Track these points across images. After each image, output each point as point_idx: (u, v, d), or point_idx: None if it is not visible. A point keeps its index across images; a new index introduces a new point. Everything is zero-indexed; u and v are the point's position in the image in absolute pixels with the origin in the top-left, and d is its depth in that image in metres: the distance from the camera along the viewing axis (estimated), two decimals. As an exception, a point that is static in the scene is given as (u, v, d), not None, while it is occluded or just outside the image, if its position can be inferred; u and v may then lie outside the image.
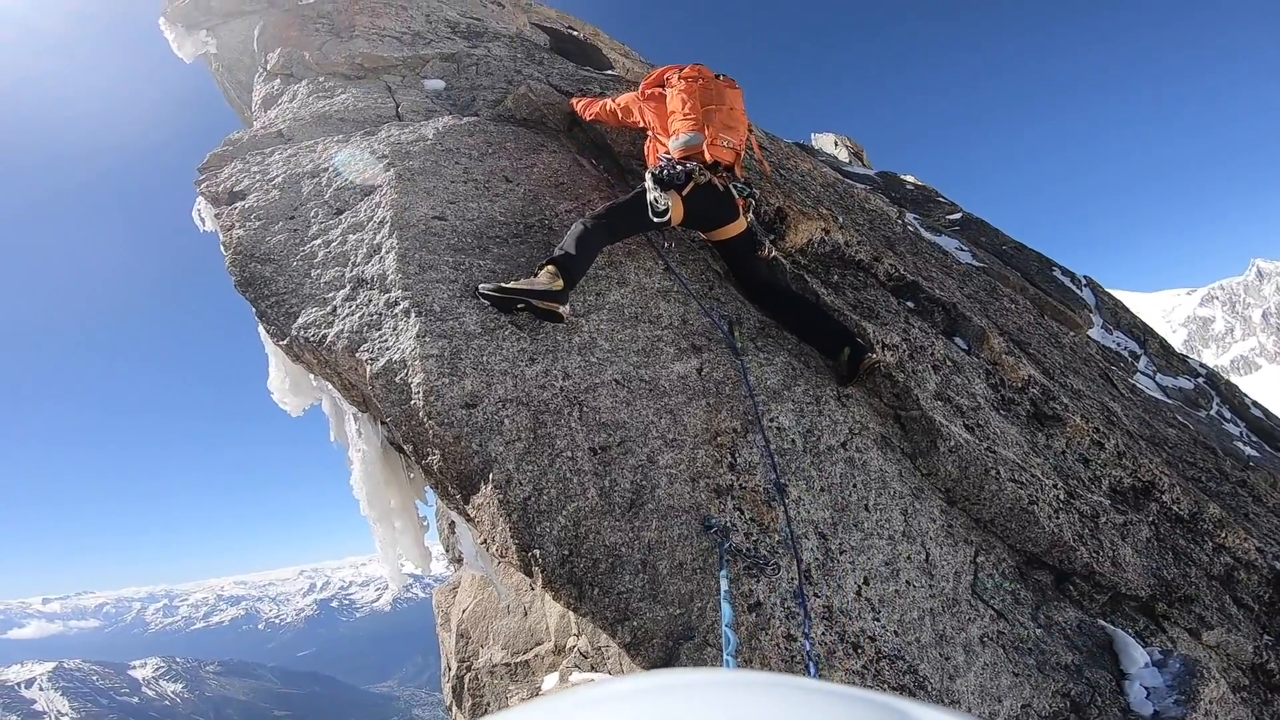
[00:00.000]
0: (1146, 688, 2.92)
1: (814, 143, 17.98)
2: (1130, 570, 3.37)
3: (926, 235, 8.96)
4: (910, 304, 4.31)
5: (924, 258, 5.90)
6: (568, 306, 2.71)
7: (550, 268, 2.72)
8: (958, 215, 12.18)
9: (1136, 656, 3.00)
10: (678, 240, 3.68)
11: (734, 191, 3.33)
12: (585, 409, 2.53)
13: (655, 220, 3.13)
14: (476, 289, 2.74)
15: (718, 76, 3.47)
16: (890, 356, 3.42)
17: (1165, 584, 3.49)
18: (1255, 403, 10.93)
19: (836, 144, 17.94)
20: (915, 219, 10.45)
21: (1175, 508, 4.05)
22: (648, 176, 3.22)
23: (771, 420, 2.87)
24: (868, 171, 14.88)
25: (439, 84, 5.13)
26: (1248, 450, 7.91)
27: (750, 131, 3.59)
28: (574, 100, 4.41)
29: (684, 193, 3.19)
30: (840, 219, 4.70)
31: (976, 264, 8.73)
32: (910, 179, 14.45)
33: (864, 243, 4.50)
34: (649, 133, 3.68)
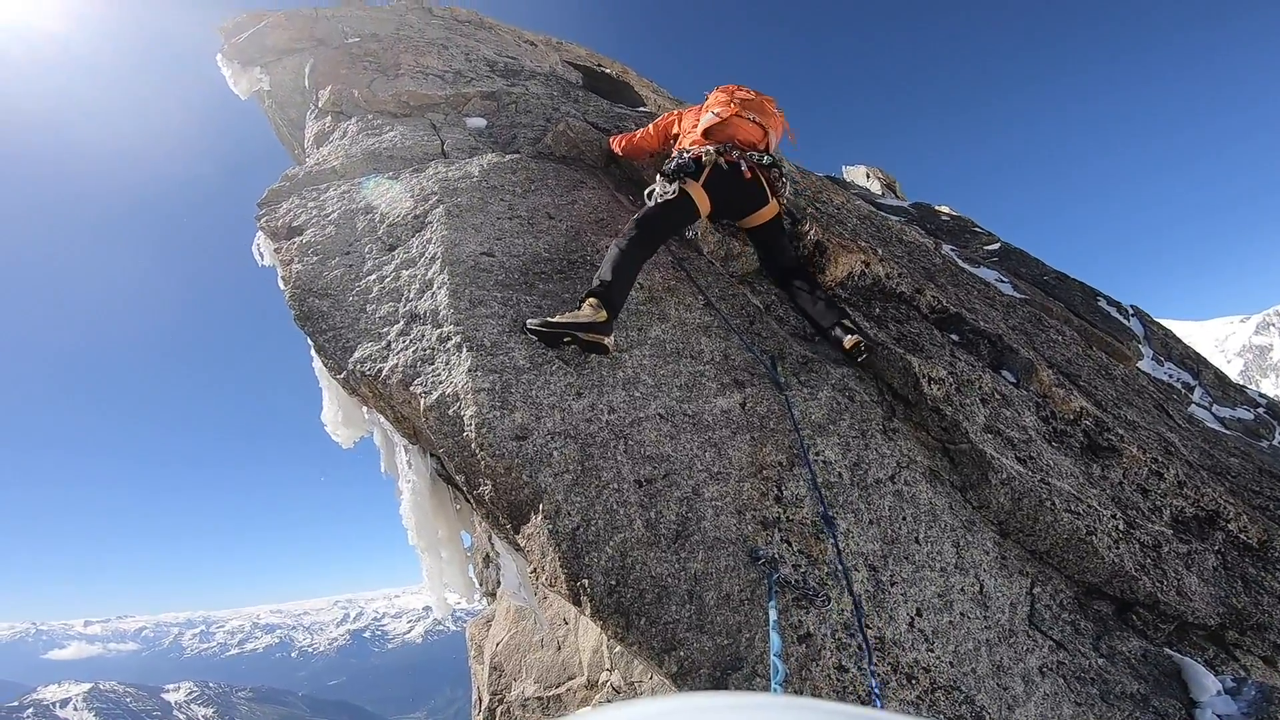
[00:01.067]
0: (1219, 715, 2.84)
1: (845, 175, 18.01)
2: (1197, 599, 3.27)
3: (965, 267, 8.86)
4: (955, 337, 4.26)
5: (965, 289, 5.83)
6: (611, 338, 2.76)
7: (592, 300, 2.78)
8: (996, 246, 12.01)
9: (1208, 684, 2.91)
10: (716, 276, 3.72)
11: (744, 164, 3.26)
12: (631, 442, 2.55)
13: (680, 216, 3.11)
14: (524, 324, 2.80)
15: (756, 94, 3.62)
16: (937, 390, 3.38)
17: (1235, 612, 3.39)
18: (1320, 434, 10.41)
19: (869, 176, 17.93)
20: (952, 250, 10.35)
21: (1243, 536, 3.92)
22: (659, 174, 3.26)
23: (817, 454, 2.85)
24: (901, 203, 14.82)
25: (481, 121, 5.32)
26: (1315, 484, 7.52)
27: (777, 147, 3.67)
28: (612, 139, 4.53)
29: (702, 181, 3.16)
30: (879, 251, 4.69)
31: (1019, 295, 8.58)
32: (945, 210, 14.34)
33: (905, 275, 4.48)
34: (671, 145, 3.77)
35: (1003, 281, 8.96)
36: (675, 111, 3.92)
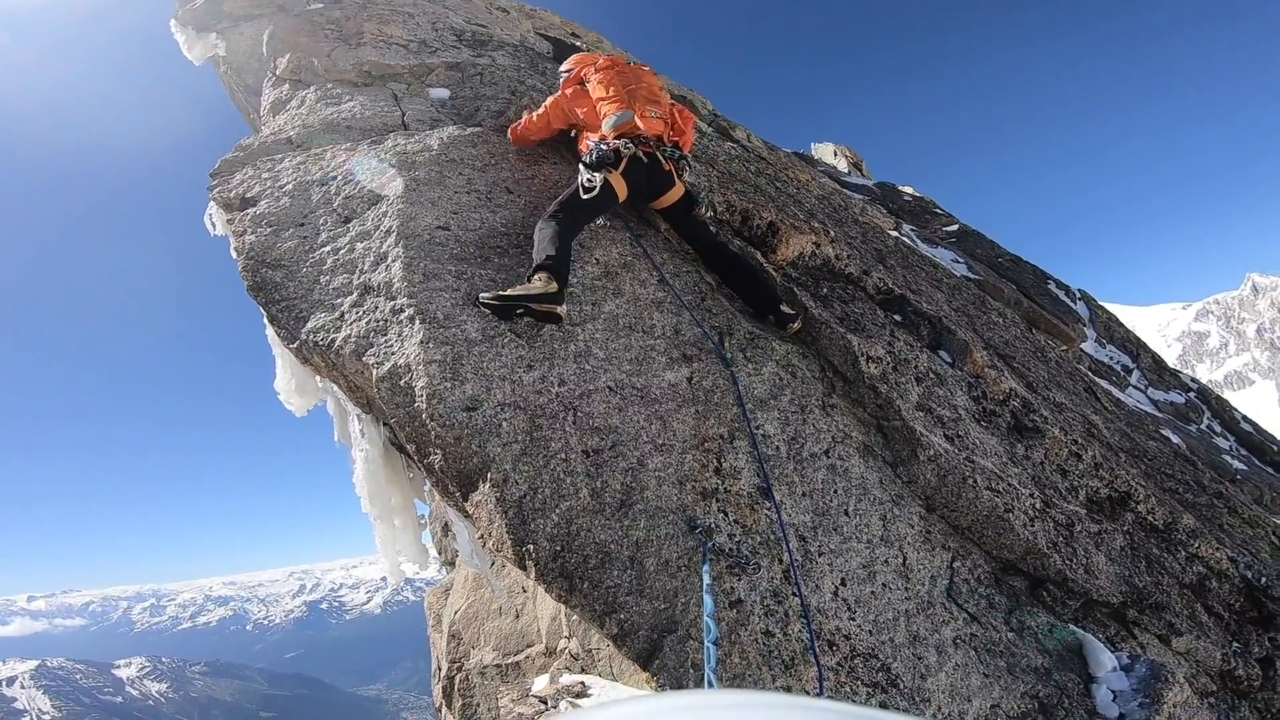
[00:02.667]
0: (1113, 691, 3.01)
1: (814, 152, 18.17)
2: (1103, 577, 3.48)
3: (923, 247, 9.12)
4: (897, 317, 4.45)
5: (914, 271, 6.04)
6: (564, 307, 2.87)
7: (541, 273, 2.87)
8: (955, 227, 12.34)
9: (1105, 661, 3.09)
10: (672, 253, 3.82)
11: (661, 158, 3.58)
12: (579, 414, 2.66)
13: (601, 202, 3.35)
14: (477, 297, 2.87)
15: (629, 63, 3.82)
16: (874, 369, 3.56)
17: (1137, 591, 3.60)
18: (1245, 418, 11.09)
19: (836, 154, 18.12)
20: (913, 230, 10.61)
21: (1150, 518, 4.16)
22: (580, 165, 3.47)
23: (758, 427, 3.00)
24: (866, 182, 15.05)
25: (444, 93, 5.26)
26: (1236, 464, 8.05)
27: (681, 113, 3.93)
28: (511, 130, 4.29)
29: (620, 169, 3.43)
30: (832, 232, 4.84)
31: (972, 276, 8.88)
32: (908, 190, 14.62)
33: (854, 256, 4.64)
34: (575, 131, 3.91)
35: (958, 262, 9.26)
36: (560, 99, 3.95)
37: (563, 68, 4.17)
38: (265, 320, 3.00)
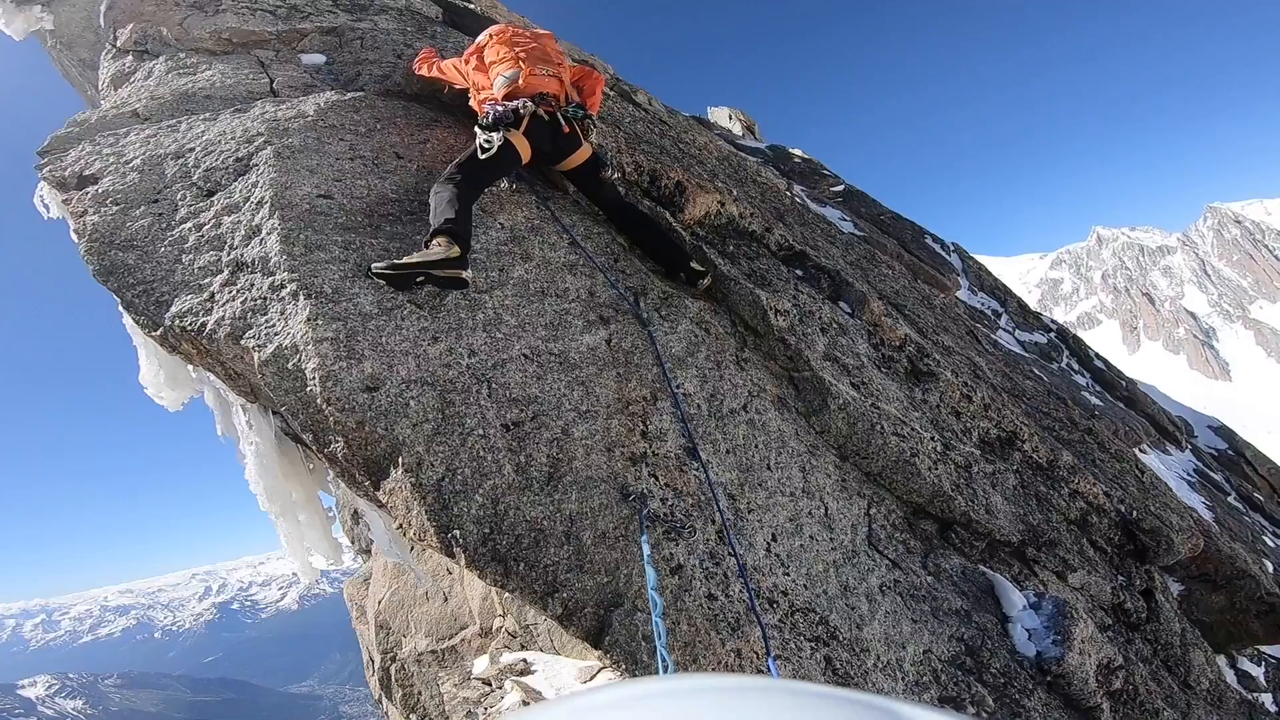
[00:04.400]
0: (1027, 629, 3.17)
1: (710, 116, 18.34)
2: (1001, 517, 3.61)
3: (813, 206, 9.43)
4: (799, 272, 4.56)
5: (811, 228, 6.23)
6: (469, 271, 2.70)
7: (440, 238, 2.68)
8: (841, 187, 12.87)
9: (1015, 600, 3.24)
10: (581, 215, 3.70)
11: (561, 118, 3.50)
12: (494, 385, 2.52)
13: (502, 163, 3.23)
14: (370, 268, 2.65)
15: (527, 29, 3.77)
16: (782, 321, 3.62)
17: (1032, 529, 3.72)
18: (1097, 355, 12.36)
19: (731, 118, 18.39)
20: (803, 190, 10.95)
21: (1035, 456, 4.36)
22: (476, 128, 3.34)
23: (678, 386, 2.98)
24: (759, 145, 15.37)
25: (319, 59, 4.81)
26: (1093, 400, 8.93)
27: (588, 74, 3.90)
28: (416, 61, 4.31)
29: (522, 129, 3.32)
30: (735, 192, 4.87)
31: (858, 233, 9.29)
32: (798, 153, 15.08)
33: (756, 215, 4.70)
34: (471, 92, 3.79)
35: (845, 220, 9.65)
36: (457, 61, 3.91)
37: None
38: (120, 307, 2.64)
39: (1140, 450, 7.30)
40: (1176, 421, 9.67)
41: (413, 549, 3.73)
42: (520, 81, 3.47)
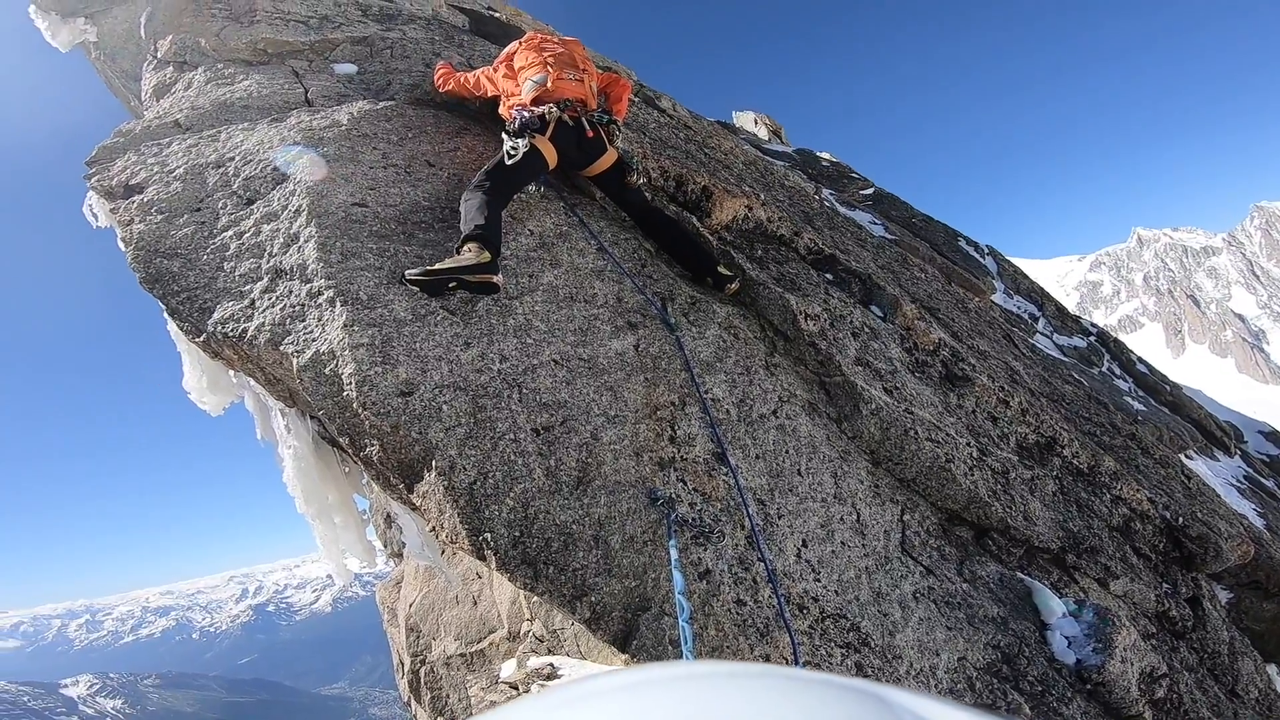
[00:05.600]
0: (1066, 637, 3.08)
1: (735, 121, 18.29)
2: (1040, 523, 3.53)
3: (842, 210, 9.33)
4: (829, 276, 4.51)
5: (840, 232, 6.16)
6: (500, 277, 2.73)
7: (471, 244, 2.72)
8: (870, 190, 12.70)
9: (1054, 607, 3.15)
10: (609, 221, 3.71)
11: (586, 124, 3.53)
12: (525, 390, 2.54)
13: (530, 169, 3.27)
14: (403, 275, 2.69)
15: (556, 37, 3.83)
16: (813, 325, 3.59)
17: (1072, 536, 3.65)
18: (1140, 359, 11.98)
19: (756, 122, 18.30)
20: (831, 194, 10.85)
21: (1075, 462, 4.25)
22: (503, 134, 3.39)
23: (707, 392, 2.96)
24: (786, 149, 15.28)
25: (351, 68, 4.93)
26: (1136, 405, 8.64)
27: (615, 81, 3.94)
28: (436, 78, 4.38)
29: (548, 135, 3.37)
30: (762, 196, 4.85)
31: (889, 236, 9.16)
32: (826, 156, 14.94)
33: (785, 219, 4.66)
34: (500, 99, 3.84)
35: (875, 224, 9.52)
36: (487, 71, 3.98)
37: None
38: (165, 314, 2.72)
39: (1187, 456, 7.05)
40: (1225, 427, 9.31)
41: (444, 552, 3.77)
42: (549, 85, 3.51)
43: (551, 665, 3.68)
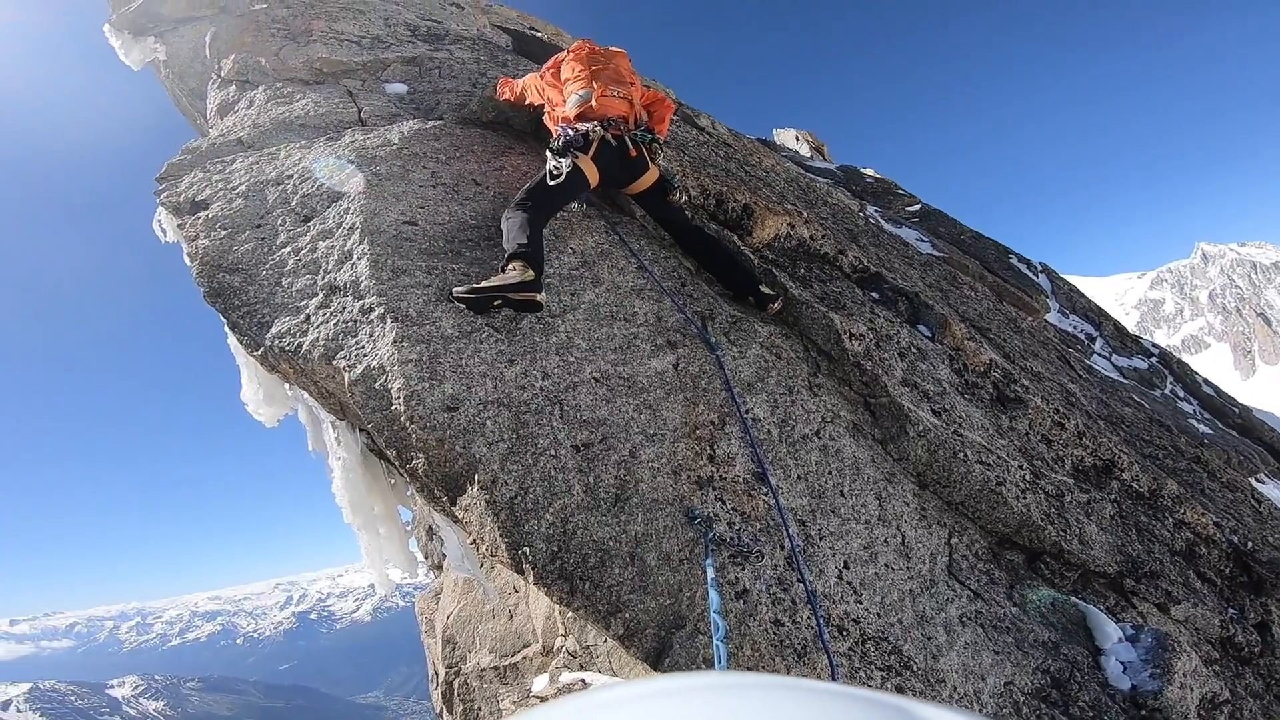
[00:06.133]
0: (1122, 662, 2.99)
1: (776, 138, 18.23)
2: (1097, 547, 3.44)
3: (887, 227, 9.18)
4: (875, 295, 4.43)
5: (886, 249, 6.06)
6: (543, 295, 2.77)
7: (516, 262, 2.77)
8: (917, 207, 12.47)
9: (1110, 632, 3.07)
10: (649, 239, 3.73)
11: (629, 142, 3.53)
12: (566, 407, 2.56)
13: (572, 188, 3.28)
14: (451, 292, 2.75)
15: (601, 48, 3.85)
16: (858, 345, 3.52)
17: (1131, 560, 3.56)
18: (1206, 380, 11.39)
19: (798, 139, 18.21)
20: (876, 211, 10.68)
21: (1135, 485, 4.14)
22: (547, 152, 3.41)
23: (747, 411, 2.94)
24: (829, 166, 15.13)
25: (401, 88, 5.10)
26: (1201, 428, 8.23)
27: (659, 100, 3.93)
28: (498, 88, 4.50)
29: (590, 154, 3.37)
30: (805, 214, 4.80)
31: (937, 254, 8.96)
32: (870, 172, 14.74)
33: (828, 236, 4.61)
34: (546, 108, 3.90)
35: (922, 241, 9.33)
36: (534, 79, 4.04)
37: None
38: (226, 328, 2.84)
39: (1257, 480, 6.67)
40: (1299, 453, 8.77)
41: (483, 565, 3.80)
42: (592, 102, 3.53)
43: (584, 681, 3.66)
